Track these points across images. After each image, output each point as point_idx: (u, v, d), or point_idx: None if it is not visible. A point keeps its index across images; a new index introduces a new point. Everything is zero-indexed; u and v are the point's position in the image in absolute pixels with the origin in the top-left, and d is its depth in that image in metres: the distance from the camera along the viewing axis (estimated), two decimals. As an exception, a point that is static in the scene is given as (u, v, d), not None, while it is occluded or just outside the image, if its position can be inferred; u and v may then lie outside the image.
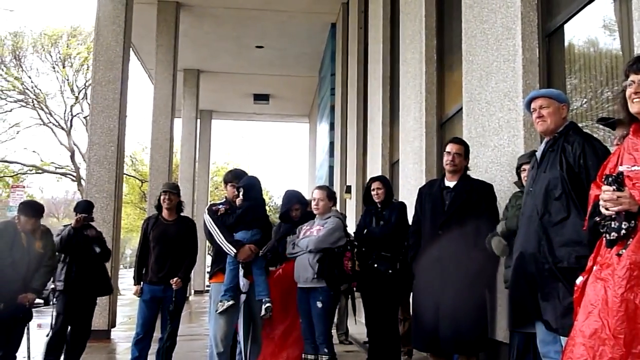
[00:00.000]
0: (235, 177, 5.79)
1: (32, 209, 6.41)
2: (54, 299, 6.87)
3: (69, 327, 6.81)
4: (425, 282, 4.98)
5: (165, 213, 6.51)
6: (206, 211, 5.63)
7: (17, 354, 6.36)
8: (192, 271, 6.94)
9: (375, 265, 5.92)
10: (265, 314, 5.30)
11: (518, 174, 4.72)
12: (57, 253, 6.61)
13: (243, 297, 5.41)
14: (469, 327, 4.69)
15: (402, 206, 6.26)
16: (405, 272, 5.83)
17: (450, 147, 5.09)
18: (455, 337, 4.69)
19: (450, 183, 5.06)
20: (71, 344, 6.82)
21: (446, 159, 5.06)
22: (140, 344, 6.29)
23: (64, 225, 6.99)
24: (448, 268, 4.77)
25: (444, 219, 4.91)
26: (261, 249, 5.45)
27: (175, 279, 6.25)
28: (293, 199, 6.22)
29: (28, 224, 6.25)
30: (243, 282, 5.34)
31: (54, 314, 6.73)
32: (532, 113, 3.75)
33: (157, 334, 6.47)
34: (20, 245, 6.18)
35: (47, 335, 6.75)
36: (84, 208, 7.04)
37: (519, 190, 4.73)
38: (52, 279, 6.74)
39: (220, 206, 5.60)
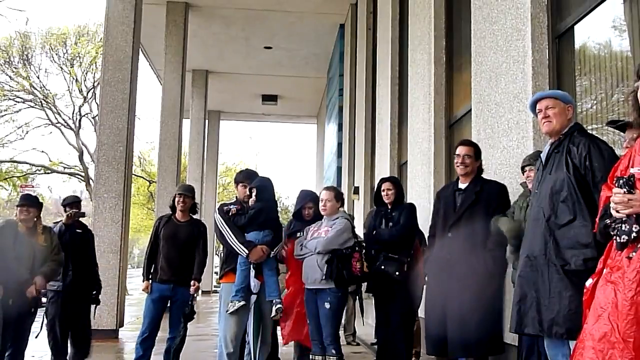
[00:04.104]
0: (247, 177, 5.79)
1: (27, 199, 6.27)
2: (48, 301, 6.72)
3: (69, 332, 6.76)
4: (434, 283, 4.99)
5: (178, 214, 6.57)
6: (217, 211, 5.63)
7: (25, 350, 6.34)
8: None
9: (383, 267, 5.90)
10: (276, 315, 5.30)
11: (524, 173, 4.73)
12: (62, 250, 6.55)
13: (253, 297, 5.42)
14: (477, 330, 4.67)
15: (411, 207, 6.21)
16: (413, 274, 5.83)
17: (459, 150, 5.10)
18: (463, 340, 4.67)
19: (463, 185, 5.08)
20: (74, 348, 6.78)
21: (456, 161, 5.09)
22: (146, 343, 6.29)
23: (54, 223, 6.96)
24: (456, 269, 4.76)
25: (454, 220, 4.92)
26: (272, 250, 5.46)
27: (193, 283, 6.35)
28: (306, 197, 6.22)
29: (22, 214, 6.11)
30: (254, 283, 5.35)
31: (47, 317, 6.63)
32: (538, 114, 3.74)
33: (163, 334, 6.49)
34: (22, 239, 6.05)
35: (36, 337, 6.63)
36: (73, 202, 6.98)
37: (524, 190, 4.73)
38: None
39: (232, 206, 5.60)
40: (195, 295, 6.41)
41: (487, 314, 4.76)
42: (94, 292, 7.00)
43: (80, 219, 6.96)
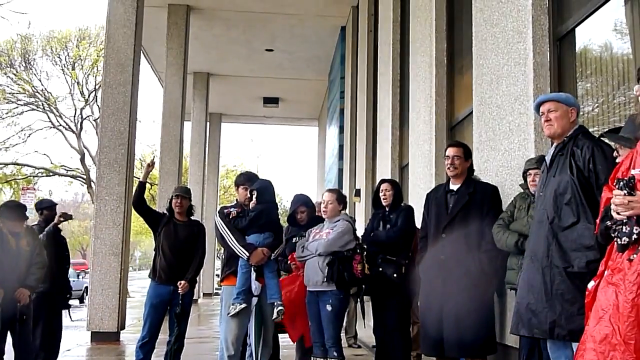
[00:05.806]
0: (247, 179, 5.80)
1: (17, 211, 6.15)
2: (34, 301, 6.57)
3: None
4: (429, 285, 5.00)
5: (176, 216, 6.57)
6: (217, 214, 5.64)
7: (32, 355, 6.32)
8: (200, 274, 6.96)
9: (381, 270, 5.89)
10: (277, 317, 5.30)
11: (524, 177, 4.72)
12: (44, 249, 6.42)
13: (255, 300, 5.42)
14: (474, 330, 4.68)
15: (409, 209, 6.21)
16: (411, 276, 5.82)
17: (449, 151, 5.15)
18: (459, 340, 4.68)
19: (454, 186, 5.11)
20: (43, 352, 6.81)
21: (446, 163, 5.13)
22: (146, 347, 6.28)
23: (33, 225, 6.91)
24: (451, 270, 4.78)
25: (447, 222, 4.94)
26: (273, 252, 5.46)
27: (182, 283, 6.27)
28: (298, 202, 6.33)
29: (17, 227, 6.04)
30: (255, 285, 5.35)
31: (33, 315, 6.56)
32: (541, 117, 3.74)
33: (164, 337, 6.48)
34: (9, 246, 5.93)
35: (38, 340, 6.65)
36: (51, 205, 7.21)
37: (523, 191, 4.73)
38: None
39: (232, 209, 5.61)
40: (180, 292, 6.32)
41: (484, 313, 4.78)
42: (68, 295, 7.20)
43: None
